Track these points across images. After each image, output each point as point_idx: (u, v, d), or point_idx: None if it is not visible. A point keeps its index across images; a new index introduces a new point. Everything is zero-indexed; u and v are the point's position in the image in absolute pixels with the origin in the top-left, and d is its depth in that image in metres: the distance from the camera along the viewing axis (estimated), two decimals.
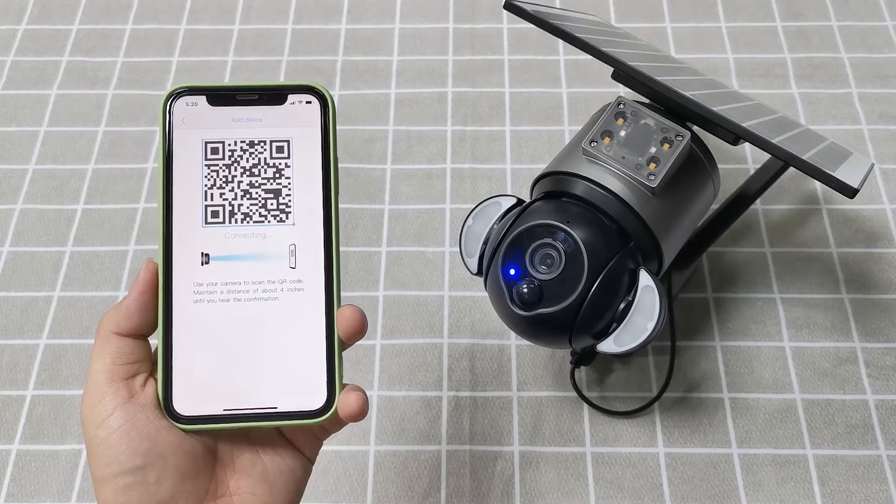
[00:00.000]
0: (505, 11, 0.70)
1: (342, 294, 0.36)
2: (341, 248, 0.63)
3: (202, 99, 0.36)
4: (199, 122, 0.36)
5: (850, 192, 0.42)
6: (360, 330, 0.35)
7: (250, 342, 0.35)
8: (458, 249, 0.52)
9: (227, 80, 0.72)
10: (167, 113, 0.36)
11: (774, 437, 0.55)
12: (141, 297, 0.34)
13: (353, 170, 0.67)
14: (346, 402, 0.34)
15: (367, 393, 0.56)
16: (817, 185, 0.66)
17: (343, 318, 0.35)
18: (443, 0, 0.78)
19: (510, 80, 0.72)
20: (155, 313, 0.34)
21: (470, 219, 0.50)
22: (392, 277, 0.62)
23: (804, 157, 0.43)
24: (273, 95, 0.36)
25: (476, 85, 0.72)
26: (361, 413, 0.34)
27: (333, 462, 0.54)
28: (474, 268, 0.49)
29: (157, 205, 0.35)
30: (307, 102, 0.36)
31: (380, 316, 0.60)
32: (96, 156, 0.68)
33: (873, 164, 0.52)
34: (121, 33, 0.76)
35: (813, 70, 0.73)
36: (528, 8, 0.49)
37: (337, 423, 0.36)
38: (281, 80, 0.72)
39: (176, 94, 0.36)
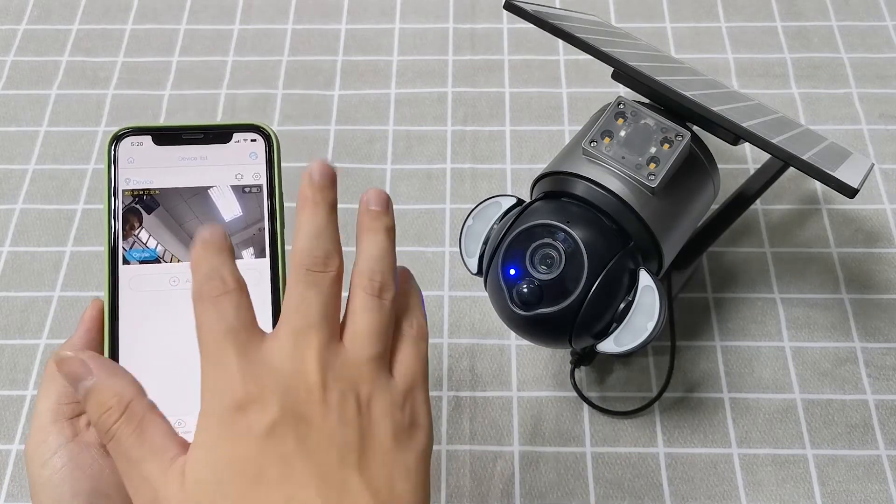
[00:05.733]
0: (505, 11, 0.70)
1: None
2: (342, 249, 0.63)
3: (147, 139, 0.36)
4: (144, 162, 0.36)
5: (850, 192, 0.42)
6: None
7: (199, 376, 0.35)
8: (458, 249, 0.52)
9: (226, 76, 0.72)
10: (112, 154, 0.36)
11: (774, 437, 0.55)
12: (87, 334, 0.34)
13: (353, 170, 0.67)
14: None
15: None
16: (817, 185, 0.66)
17: None
18: (443, 0, 0.78)
19: (510, 80, 0.72)
20: (101, 352, 0.34)
21: (470, 219, 0.50)
22: None
23: (804, 157, 0.43)
24: (218, 134, 0.37)
25: (476, 85, 0.72)
26: None
27: None
28: (474, 268, 0.49)
29: (103, 245, 0.35)
30: (252, 140, 0.37)
31: None
32: (96, 156, 0.68)
33: (873, 164, 0.52)
34: (121, 33, 0.76)
35: (813, 70, 0.73)
36: (528, 8, 0.49)
37: None
38: (280, 80, 0.72)
39: (121, 135, 0.36)
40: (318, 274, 0.30)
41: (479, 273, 0.49)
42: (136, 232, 0.36)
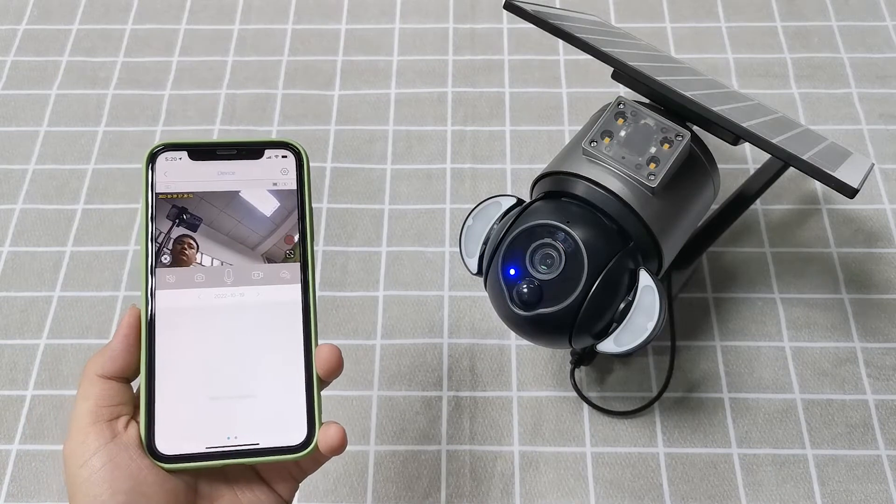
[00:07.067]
0: (505, 11, 0.70)
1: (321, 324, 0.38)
2: (343, 248, 0.63)
3: (184, 154, 0.38)
4: (180, 176, 0.38)
5: (850, 192, 0.42)
6: (338, 367, 0.37)
7: (232, 381, 0.36)
8: (457, 249, 0.52)
9: (226, 76, 0.72)
10: (150, 168, 0.38)
11: (774, 437, 0.55)
12: (125, 339, 0.35)
13: (353, 170, 0.67)
14: (326, 435, 0.35)
15: (368, 393, 0.57)
16: (817, 185, 0.66)
17: (321, 357, 0.36)
18: (443, 0, 0.78)
19: (510, 80, 0.72)
20: (138, 356, 0.35)
21: (470, 219, 0.50)
22: (392, 277, 0.62)
23: (804, 157, 0.43)
24: (251, 150, 0.39)
25: (476, 85, 0.72)
26: (342, 446, 0.35)
27: (333, 462, 0.54)
28: (474, 268, 0.49)
29: (140, 254, 0.36)
30: (283, 157, 0.39)
31: (380, 316, 0.60)
32: (96, 156, 0.68)
33: (873, 165, 0.52)
34: (121, 33, 0.76)
35: (813, 70, 0.73)
36: (528, 8, 0.49)
37: (315, 463, 0.38)
38: (280, 80, 0.72)
39: (158, 151, 0.38)
40: None
41: (479, 273, 0.49)
42: (175, 240, 0.37)
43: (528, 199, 0.50)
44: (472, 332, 0.59)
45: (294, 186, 0.38)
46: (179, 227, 0.37)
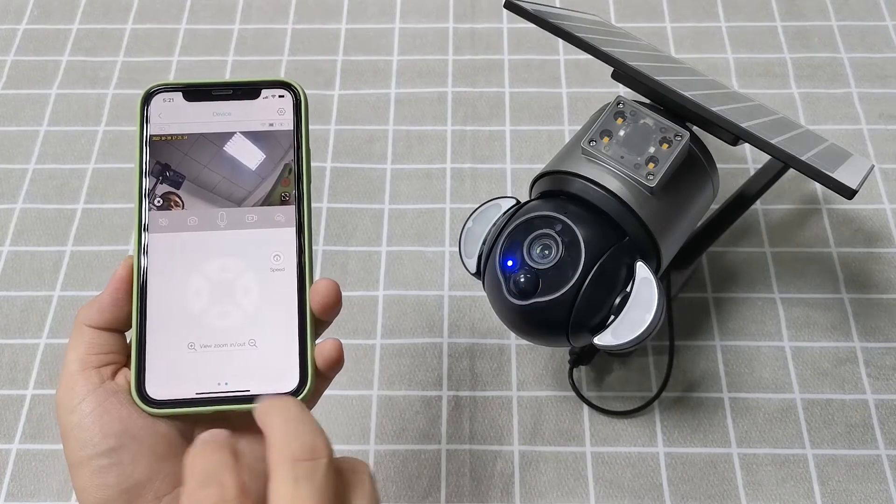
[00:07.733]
0: (505, 11, 0.70)
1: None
2: (343, 248, 0.63)
3: (178, 95, 0.37)
4: (175, 117, 0.37)
5: (849, 194, 0.42)
6: (335, 303, 0.35)
7: (224, 327, 0.35)
8: (457, 249, 0.52)
9: (226, 76, 0.72)
10: (144, 111, 0.37)
11: (774, 436, 0.55)
12: (115, 293, 0.35)
13: (353, 170, 0.67)
14: (323, 351, 0.35)
15: (367, 392, 0.57)
16: (817, 185, 0.66)
17: (317, 292, 0.35)
18: (443, 0, 0.78)
19: (510, 80, 0.72)
20: (128, 309, 0.35)
21: (470, 221, 0.50)
22: (392, 277, 0.62)
23: (802, 158, 0.43)
24: (247, 90, 0.38)
25: (476, 85, 0.72)
26: (340, 359, 0.35)
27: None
28: (473, 267, 0.49)
29: (134, 202, 0.36)
30: (280, 97, 0.38)
31: (380, 316, 0.60)
32: (96, 156, 0.68)
33: (873, 166, 0.52)
34: (121, 33, 0.76)
35: (813, 70, 0.73)
36: (529, 7, 0.49)
37: (316, 394, 0.37)
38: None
39: (152, 92, 0.37)
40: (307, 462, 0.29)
41: (478, 274, 0.49)
42: (168, 187, 0.36)
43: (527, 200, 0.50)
44: (472, 332, 0.59)
45: (291, 127, 0.38)
46: (174, 170, 0.36)
